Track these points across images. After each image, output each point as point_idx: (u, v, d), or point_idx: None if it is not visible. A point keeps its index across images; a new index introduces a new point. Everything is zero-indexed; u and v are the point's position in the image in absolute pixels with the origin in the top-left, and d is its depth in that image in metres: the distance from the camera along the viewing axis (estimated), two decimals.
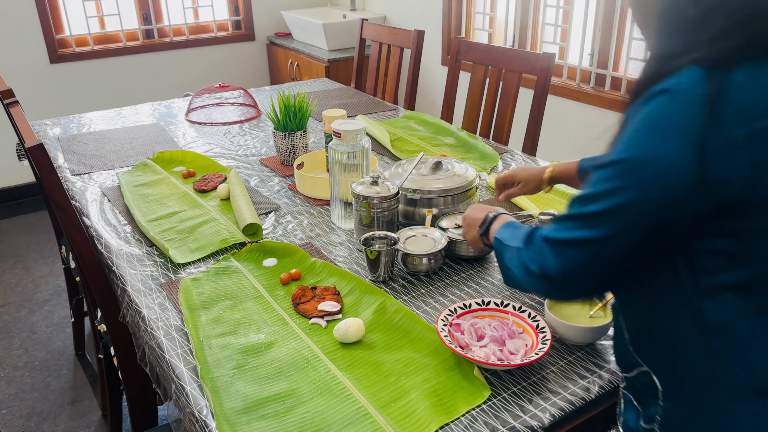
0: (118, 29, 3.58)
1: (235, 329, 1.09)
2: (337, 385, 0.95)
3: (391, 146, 1.91)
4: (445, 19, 3.27)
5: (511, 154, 1.87)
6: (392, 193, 1.28)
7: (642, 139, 0.70)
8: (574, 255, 0.76)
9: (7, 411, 2.02)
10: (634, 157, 0.70)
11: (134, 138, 2.07)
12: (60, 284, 2.70)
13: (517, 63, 2.02)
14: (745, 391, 0.73)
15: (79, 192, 1.66)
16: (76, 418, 1.99)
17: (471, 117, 2.22)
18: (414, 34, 2.40)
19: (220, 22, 3.86)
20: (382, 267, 1.21)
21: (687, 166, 0.67)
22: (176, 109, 2.40)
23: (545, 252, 0.79)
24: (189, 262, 1.31)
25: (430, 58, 3.45)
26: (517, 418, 0.88)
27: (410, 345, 1.03)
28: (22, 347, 2.33)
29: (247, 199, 1.49)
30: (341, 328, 1.04)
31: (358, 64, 2.71)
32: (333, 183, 1.42)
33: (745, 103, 0.66)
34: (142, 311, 1.15)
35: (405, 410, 0.90)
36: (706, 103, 0.66)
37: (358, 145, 1.39)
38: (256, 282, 1.23)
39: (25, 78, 3.35)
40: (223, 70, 3.88)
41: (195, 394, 0.94)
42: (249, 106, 2.37)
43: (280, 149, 1.79)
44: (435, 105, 3.50)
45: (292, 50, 3.69)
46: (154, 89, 3.70)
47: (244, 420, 0.89)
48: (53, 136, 2.11)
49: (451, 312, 1.05)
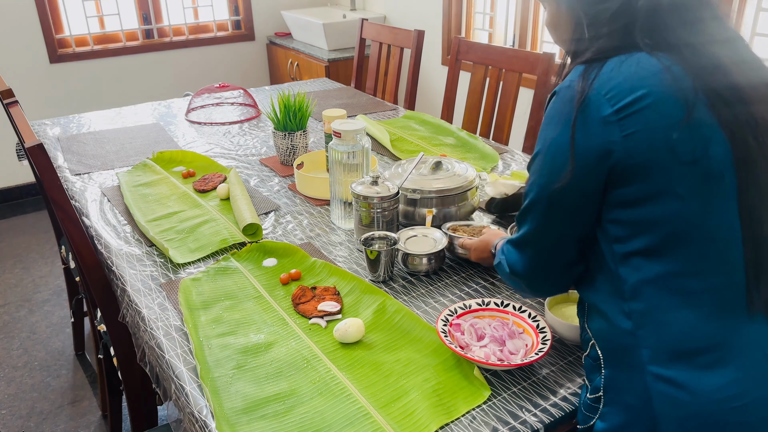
0: (118, 29, 3.57)
1: (235, 329, 1.09)
2: (337, 386, 0.95)
3: (391, 146, 1.91)
4: (445, 19, 3.27)
5: (511, 154, 1.87)
6: (392, 193, 1.28)
7: (541, 136, 0.86)
8: (527, 252, 0.91)
9: (6, 411, 2.02)
10: (536, 152, 0.86)
11: (134, 138, 2.07)
12: (60, 284, 2.70)
13: (517, 63, 2.02)
14: (663, 354, 0.78)
15: (78, 192, 1.66)
16: (75, 418, 1.98)
17: (471, 117, 2.22)
18: (414, 34, 2.40)
19: (219, 22, 3.86)
20: (382, 267, 1.21)
21: (569, 145, 0.80)
22: (176, 109, 2.40)
23: (511, 252, 0.95)
24: (189, 262, 1.30)
25: (430, 58, 3.44)
26: (517, 418, 0.88)
27: (410, 345, 1.03)
28: (21, 347, 2.33)
29: (247, 199, 1.49)
30: (341, 328, 1.04)
31: (358, 64, 2.71)
32: (333, 183, 1.42)
33: (611, 86, 0.78)
34: (142, 311, 1.15)
35: (405, 410, 0.89)
36: (576, 93, 0.80)
37: (358, 145, 1.39)
38: (256, 282, 1.23)
39: (24, 78, 3.35)
40: (222, 70, 3.87)
41: (195, 394, 0.94)
42: (249, 106, 2.37)
43: (280, 149, 1.78)
44: (435, 105, 3.49)
45: (292, 50, 3.69)
46: (153, 89, 3.70)
47: (244, 420, 0.89)
48: (53, 136, 2.11)
49: (451, 312, 1.05)
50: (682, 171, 0.77)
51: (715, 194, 0.78)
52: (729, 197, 0.78)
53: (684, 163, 0.77)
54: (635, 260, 0.81)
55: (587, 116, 0.79)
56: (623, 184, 0.80)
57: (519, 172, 1.66)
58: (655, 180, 0.78)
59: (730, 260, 0.79)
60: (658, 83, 0.78)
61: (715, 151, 0.77)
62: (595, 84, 0.80)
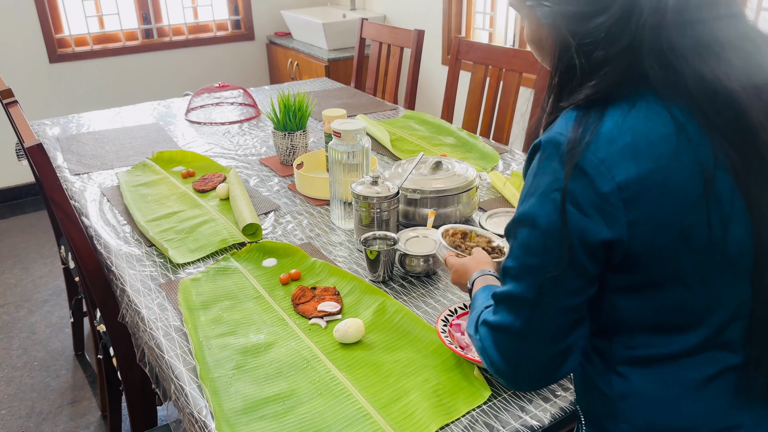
0: (118, 29, 3.57)
1: (235, 329, 1.09)
2: (337, 386, 0.95)
3: (391, 146, 1.91)
4: (445, 19, 3.27)
5: (512, 153, 1.87)
6: (392, 193, 1.28)
7: (525, 202, 0.69)
8: (506, 342, 0.74)
9: (6, 411, 2.02)
10: (518, 219, 0.70)
11: (133, 138, 2.07)
12: (59, 284, 2.70)
13: (518, 63, 2.02)
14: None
15: (78, 192, 1.66)
16: (75, 419, 1.98)
17: (471, 117, 2.22)
18: (414, 34, 2.40)
19: (219, 22, 3.85)
20: (381, 267, 1.21)
21: (559, 227, 0.65)
22: (176, 109, 2.39)
23: (486, 340, 0.76)
24: (188, 263, 1.30)
25: (430, 57, 3.44)
26: (518, 418, 0.88)
27: (410, 345, 1.03)
28: (21, 347, 2.32)
29: (247, 199, 1.49)
30: (341, 328, 1.04)
31: (358, 64, 2.71)
32: (333, 183, 1.42)
33: (612, 151, 0.63)
34: (142, 311, 1.15)
35: (405, 411, 0.89)
36: (566, 155, 0.64)
37: (358, 144, 1.39)
38: (256, 282, 1.23)
39: (24, 78, 3.35)
40: (222, 69, 3.87)
41: (194, 394, 0.94)
42: (248, 106, 2.37)
43: (280, 149, 1.78)
44: (435, 105, 3.49)
45: (291, 50, 3.69)
46: (153, 89, 3.70)
47: (244, 420, 0.89)
48: (52, 135, 2.10)
49: (451, 312, 1.05)
50: (695, 259, 0.66)
51: (728, 277, 0.68)
52: (742, 277, 0.68)
53: (697, 251, 0.65)
54: (631, 337, 0.72)
55: (582, 191, 0.64)
56: (620, 271, 0.69)
57: (519, 172, 1.66)
58: (661, 269, 0.67)
59: (730, 342, 0.71)
60: (671, 151, 0.63)
61: (735, 232, 0.66)
62: (592, 145, 0.64)
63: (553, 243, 0.67)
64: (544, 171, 0.67)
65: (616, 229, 0.65)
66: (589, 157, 0.63)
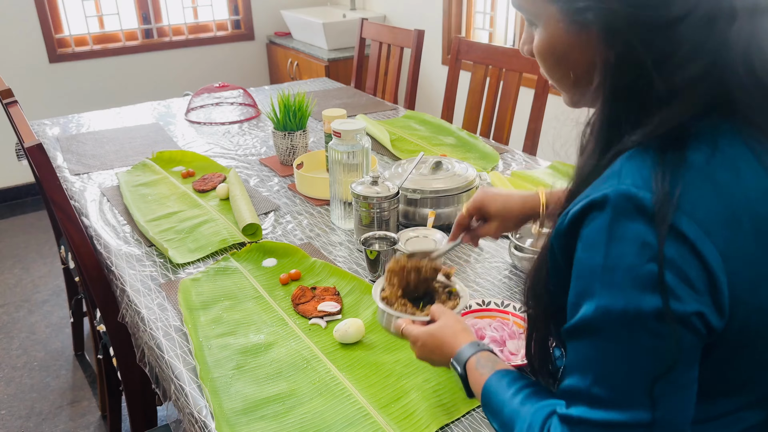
0: (118, 29, 3.57)
1: (235, 330, 1.08)
2: (337, 386, 0.95)
3: (391, 146, 1.91)
4: (445, 19, 3.27)
5: (512, 153, 1.87)
6: (392, 193, 1.27)
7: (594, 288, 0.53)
8: None
9: (6, 411, 2.02)
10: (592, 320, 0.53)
11: (133, 138, 2.07)
12: (59, 284, 2.70)
13: (518, 62, 2.02)
14: None
15: (78, 192, 1.66)
16: (75, 419, 1.98)
17: (471, 117, 2.22)
18: (414, 34, 2.40)
19: (219, 22, 3.85)
20: (381, 267, 1.20)
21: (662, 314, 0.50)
22: (175, 109, 2.39)
23: None
24: (188, 263, 1.30)
25: (430, 57, 3.44)
26: None
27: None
28: (21, 347, 2.32)
29: (247, 199, 1.49)
30: (341, 328, 1.04)
31: (358, 64, 2.71)
32: (333, 183, 1.42)
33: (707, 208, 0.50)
34: (142, 311, 1.15)
35: (405, 411, 0.89)
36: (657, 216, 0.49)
37: (358, 144, 1.39)
38: (256, 282, 1.23)
39: (24, 77, 3.34)
40: (222, 69, 3.87)
41: (194, 394, 0.94)
42: (248, 106, 2.37)
43: (280, 149, 1.78)
44: (435, 105, 3.49)
45: (291, 50, 3.69)
46: (153, 89, 3.70)
47: (244, 421, 0.88)
48: (52, 135, 2.10)
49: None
50: None
51: None
52: None
53: None
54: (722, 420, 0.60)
55: (682, 259, 0.49)
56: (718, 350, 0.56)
57: (519, 172, 1.66)
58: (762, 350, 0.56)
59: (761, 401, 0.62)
60: None
61: None
62: (686, 204, 0.49)
63: (661, 332, 0.51)
64: (622, 241, 0.51)
65: (722, 306, 0.51)
66: (684, 216, 0.49)
